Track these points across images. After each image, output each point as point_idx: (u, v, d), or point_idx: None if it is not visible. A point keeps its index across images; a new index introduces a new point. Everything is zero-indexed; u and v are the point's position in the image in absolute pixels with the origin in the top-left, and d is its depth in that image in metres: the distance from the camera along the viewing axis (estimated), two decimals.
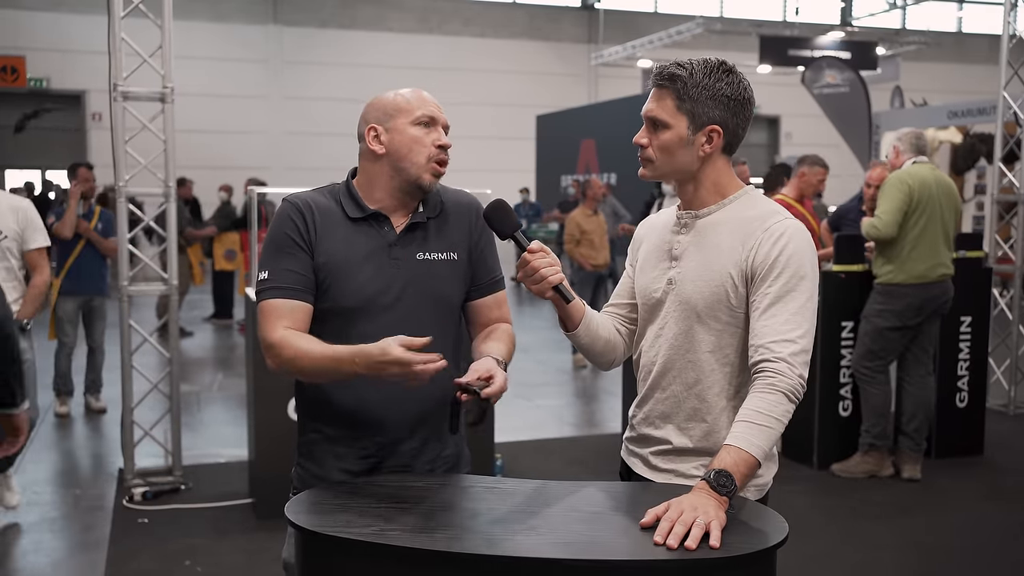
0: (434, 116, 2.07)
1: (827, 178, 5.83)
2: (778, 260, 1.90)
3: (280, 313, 2.00)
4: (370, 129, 2.08)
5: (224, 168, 20.38)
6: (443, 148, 2.07)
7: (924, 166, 5.17)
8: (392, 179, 2.07)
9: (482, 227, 2.17)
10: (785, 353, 1.85)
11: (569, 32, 28.68)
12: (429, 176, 2.06)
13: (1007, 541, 4.49)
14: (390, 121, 2.06)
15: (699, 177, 2.01)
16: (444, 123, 2.10)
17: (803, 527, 4.41)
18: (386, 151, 2.06)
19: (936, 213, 5.11)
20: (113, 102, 4.98)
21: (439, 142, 2.06)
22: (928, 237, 5.09)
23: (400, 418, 2.07)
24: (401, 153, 2.05)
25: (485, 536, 1.69)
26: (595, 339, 2.14)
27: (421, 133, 2.05)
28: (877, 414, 5.24)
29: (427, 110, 2.07)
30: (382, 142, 2.06)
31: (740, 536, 1.65)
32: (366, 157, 2.10)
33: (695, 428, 2.00)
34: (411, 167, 2.05)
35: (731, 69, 1.98)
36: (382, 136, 2.06)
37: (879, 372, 5.25)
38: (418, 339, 1.83)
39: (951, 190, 5.24)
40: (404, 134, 2.05)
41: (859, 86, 14.53)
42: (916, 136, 5.32)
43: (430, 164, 2.05)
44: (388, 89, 2.15)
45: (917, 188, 5.04)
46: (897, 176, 5.11)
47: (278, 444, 4.29)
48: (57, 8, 23.43)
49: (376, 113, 2.09)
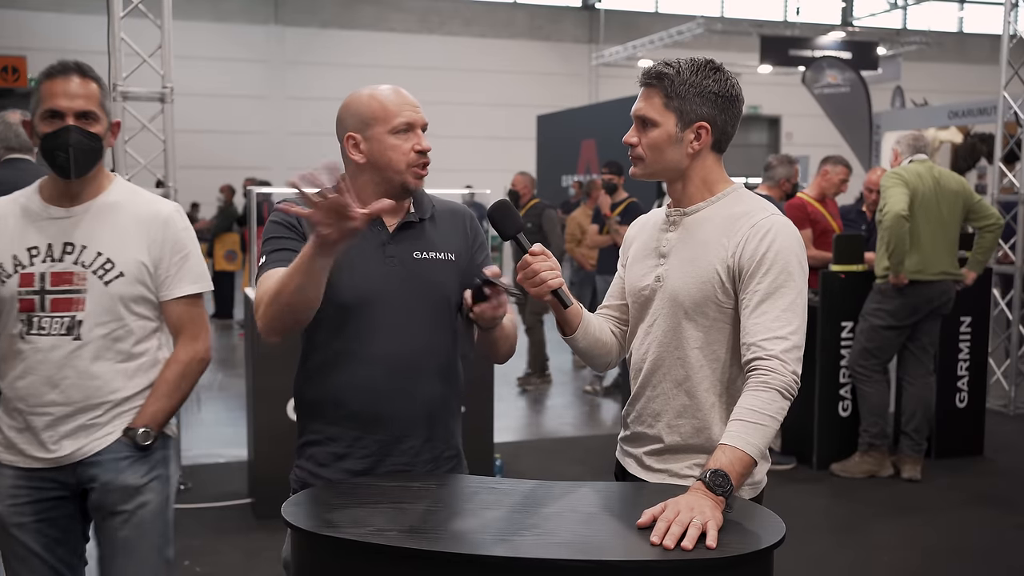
0: (411, 121, 2.05)
1: (849, 179, 5.76)
2: (765, 257, 1.90)
3: (269, 279, 1.98)
4: (348, 138, 2.06)
5: (224, 168, 20.38)
6: (423, 153, 2.06)
7: (922, 164, 5.15)
8: (377, 185, 2.06)
9: (476, 232, 2.19)
10: (777, 350, 1.85)
11: (570, 32, 28.69)
12: (412, 179, 2.06)
13: (1007, 542, 4.49)
14: (368, 130, 2.04)
15: (688, 174, 2.02)
16: (422, 124, 2.07)
17: (802, 527, 4.41)
18: (367, 160, 2.05)
19: (933, 211, 5.07)
20: (113, 102, 4.99)
21: (418, 147, 2.05)
22: (924, 235, 5.05)
23: (400, 418, 2.07)
24: (382, 163, 2.04)
25: (482, 536, 1.69)
26: (592, 343, 2.14)
27: (400, 141, 2.04)
28: (874, 413, 5.23)
29: (404, 117, 2.04)
30: (361, 151, 2.05)
31: (737, 536, 1.65)
32: (348, 164, 2.09)
33: (685, 425, 2.00)
34: (394, 175, 2.05)
35: (718, 67, 1.99)
36: (361, 145, 2.05)
37: (875, 371, 5.24)
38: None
39: (955, 187, 5.16)
40: (383, 143, 2.03)
41: (860, 86, 14.52)
42: (914, 138, 5.31)
43: (411, 169, 2.05)
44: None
45: (912, 180, 5.02)
46: (893, 172, 5.12)
47: (277, 444, 4.29)
48: (58, 8, 23.46)
49: (353, 120, 2.06)
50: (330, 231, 1.74)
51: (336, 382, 2.06)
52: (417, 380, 2.07)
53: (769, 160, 5.90)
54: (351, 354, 2.04)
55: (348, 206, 1.72)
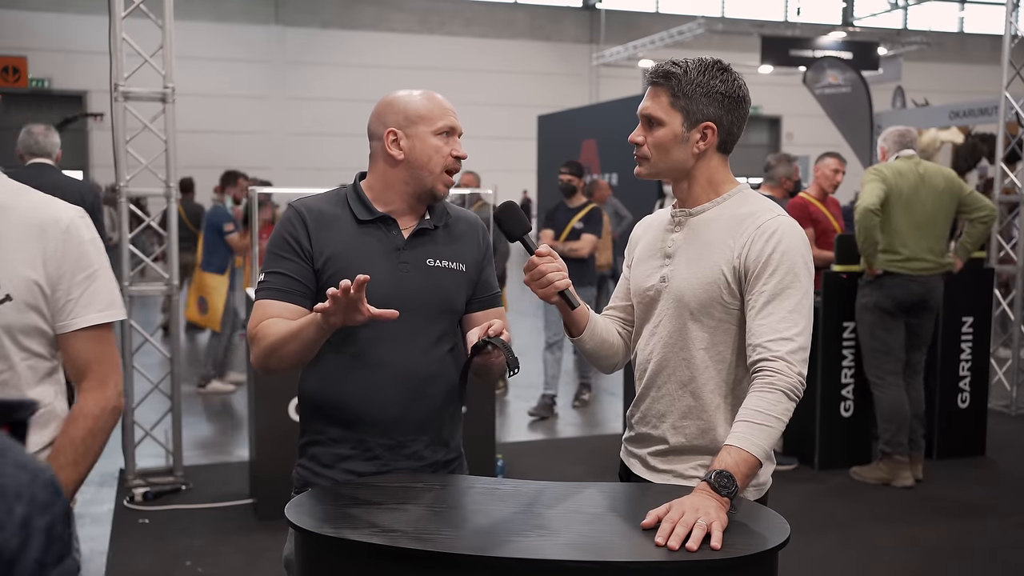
0: (454, 126, 2.08)
1: (843, 169, 5.74)
2: (771, 258, 1.90)
3: (266, 311, 2.02)
4: (389, 132, 2.06)
5: (225, 168, 20.38)
6: (458, 159, 2.09)
7: (907, 160, 5.09)
8: (407, 184, 2.07)
9: (487, 245, 2.21)
10: (783, 351, 1.85)
11: (570, 32, 28.71)
12: (442, 187, 2.08)
13: (1008, 542, 4.49)
14: (412, 127, 2.05)
15: (694, 175, 2.02)
16: (460, 132, 2.11)
17: (803, 527, 4.40)
18: (405, 157, 2.06)
19: (915, 208, 5.00)
20: (114, 102, 4.98)
21: (456, 152, 2.08)
22: (905, 231, 5.00)
23: (404, 423, 2.07)
24: (420, 162, 2.05)
25: (486, 537, 1.69)
26: (599, 344, 2.14)
27: (441, 143, 2.06)
28: (884, 420, 5.13)
29: (448, 120, 2.07)
30: (401, 147, 2.06)
31: (742, 537, 1.65)
32: (382, 159, 2.09)
33: (690, 426, 2.00)
34: (428, 176, 2.06)
35: (726, 67, 1.99)
36: (402, 142, 2.06)
37: (889, 374, 5.12)
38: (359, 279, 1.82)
39: (942, 183, 5.07)
40: (425, 143, 2.05)
41: (861, 86, 14.51)
42: (900, 134, 5.23)
43: (443, 176, 2.07)
44: (389, 89, 2.15)
45: (891, 177, 4.99)
46: (873, 168, 5.10)
47: (279, 444, 4.29)
48: (59, 8, 23.47)
49: (396, 117, 2.07)
50: (337, 319, 1.84)
51: (342, 385, 2.06)
52: (422, 386, 2.07)
53: (768, 160, 5.90)
54: (358, 357, 2.04)
55: (360, 303, 1.81)
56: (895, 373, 5.14)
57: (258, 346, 2.00)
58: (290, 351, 1.96)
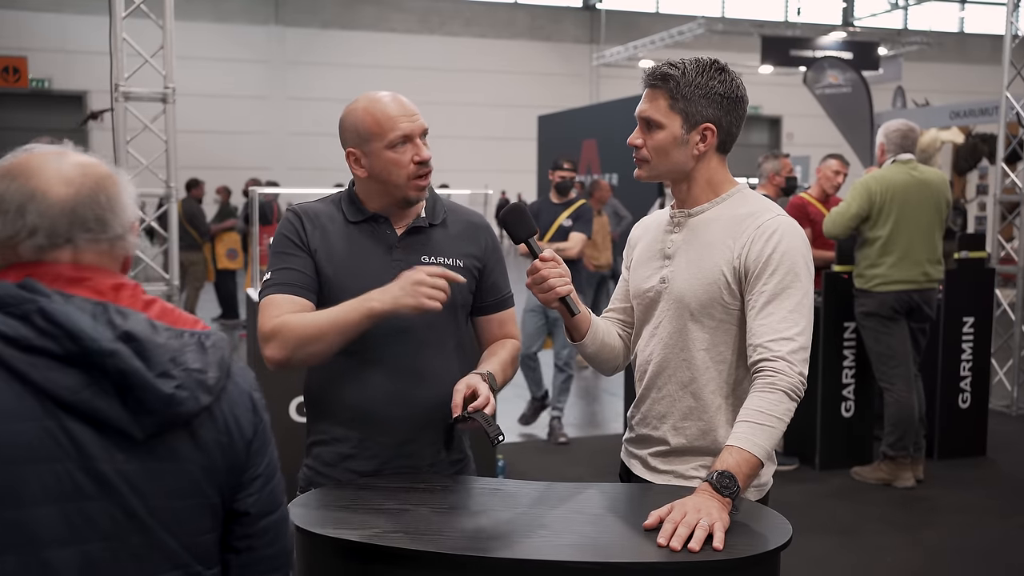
0: (407, 133, 2.02)
1: (845, 170, 5.71)
2: (771, 258, 1.89)
3: (278, 305, 2.00)
4: (349, 153, 2.07)
5: (225, 168, 20.40)
6: (423, 163, 2.04)
7: (902, 166, 4.97)
8: (383, 195, 2.08)
9: (494, 246, 2.19)
10: (784, 351, 1.84)
11: (570, 32, 28.72)
12: (414, 192, 2.06)
13: (1009, 542, 4.49)
14: (366, 146, 2.04)
15: (693, 176, 2.01)
16: (420, 131, 2.05)
17: (804, 528, 4.40)
18: (368, 174, 2.06)
19: (910, 218, 4.92)
20: (114, 102, 4.98)
21: (417, 158, 2.03)
22: (900, 242, 4.93)
23: (405, 422, 2.07)
24: (383, 177, 2.05)
25: (488, 538, 1.69)
26: (601, 348, 2.14)
27: (398, 155, 2.02)
28: (890, 423, 5.08)
29: (400, 130, 2.01)
30: (363, 166, 2.06)
31: (744, 538, 1.64)
32: (354, 174, 2.11)
33: (691, 427, 1.99)
34: (395, 188, 2.05)
35: (723, 68, 1.98)
36: (362, 160, 2.05)
37: (899, 379, 5.04)
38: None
39: (935, 188, 5.01)
40: (381, 159, 2.03)
41: (861, 86, 14.50)
42: (902, 135, 5.04)
43: (411, 183, 2.04)
44: (389, 90, 2.14)
45: (879, 192, 4.88)
46: (862, 181, 5.00)
47: (280, 445, 4.25)
48: (59, 9, 23.47)
49: (350, 135, 2.06)
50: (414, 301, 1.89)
51: (342, 384, 2.06)
52: (422, 384, 2.07)
53: (758, 160, 5.91)
54: (358, 357, 2.04)
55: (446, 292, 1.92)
56: (905, 378, 5.07)
57: (282, 338, 1.95)
58: (328, 342, 1.94)
